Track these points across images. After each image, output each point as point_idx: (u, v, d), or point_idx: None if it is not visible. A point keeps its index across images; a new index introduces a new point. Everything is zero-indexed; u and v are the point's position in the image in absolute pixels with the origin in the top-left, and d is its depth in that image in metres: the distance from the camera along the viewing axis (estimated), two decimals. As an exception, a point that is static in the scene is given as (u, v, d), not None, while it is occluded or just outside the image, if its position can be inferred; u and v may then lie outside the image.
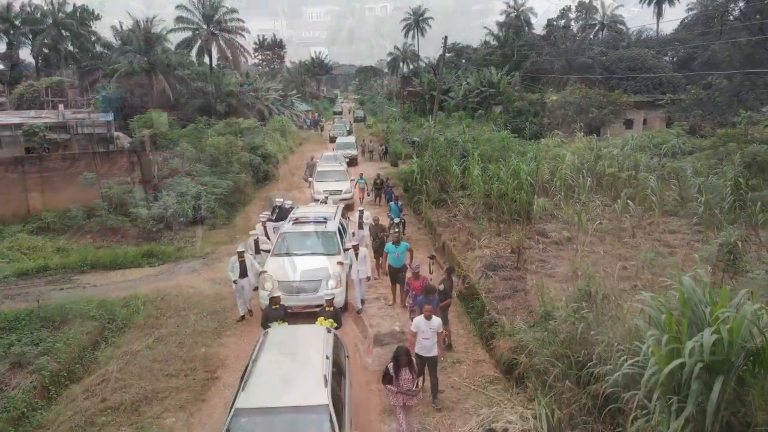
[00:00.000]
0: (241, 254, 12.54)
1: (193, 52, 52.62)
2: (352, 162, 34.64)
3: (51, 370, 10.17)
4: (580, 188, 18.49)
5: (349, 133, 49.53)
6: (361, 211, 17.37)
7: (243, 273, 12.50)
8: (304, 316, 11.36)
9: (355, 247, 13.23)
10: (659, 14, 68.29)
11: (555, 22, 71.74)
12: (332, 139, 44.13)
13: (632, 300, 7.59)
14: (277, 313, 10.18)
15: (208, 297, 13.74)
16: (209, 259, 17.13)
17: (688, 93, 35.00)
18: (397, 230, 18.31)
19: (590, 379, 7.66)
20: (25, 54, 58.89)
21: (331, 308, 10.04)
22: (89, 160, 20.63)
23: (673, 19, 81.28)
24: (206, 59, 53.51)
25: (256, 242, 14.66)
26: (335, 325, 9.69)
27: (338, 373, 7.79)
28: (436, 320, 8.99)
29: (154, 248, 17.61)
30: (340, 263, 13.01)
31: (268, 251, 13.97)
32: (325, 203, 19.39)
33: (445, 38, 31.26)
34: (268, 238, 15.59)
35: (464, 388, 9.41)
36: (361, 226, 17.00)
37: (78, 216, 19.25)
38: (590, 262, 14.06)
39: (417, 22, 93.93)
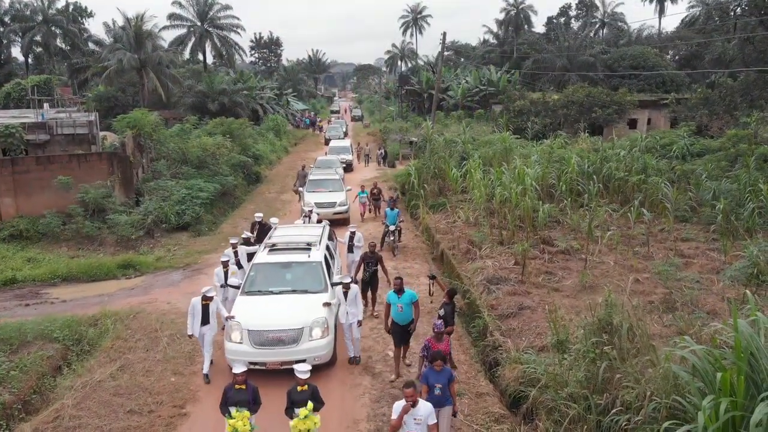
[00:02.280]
0: (206, 298, 9.97)
1: (187, 50, 51.64)
2: (347, 168, 31.76)
3: (3, 403, 9.06)
4: (587, 193, 17.55)
5: (345, 134, 47.94)
6: (353, 232, 14.71)
7: (205, 319, 9.94)
8: (282, 373, 9.36)
9: (346, 285, 10.41)
10: (661, 11, 67.36)
11: (555, 20, 70.86)
12: (328, 141, 41.82)
13: (666, 337, 6.48)
14: (240, 396, 7.45)
15: (184, 315, 12.46)
16: (190, 270, 15.97)
17: (693, 92, 33.99)
18: (392, 238, 17.28)
19: (614, 427, 6.54)
20: (16, 52, 57.94)
21: (305, 387, 7.36)
22: (66, 163, 19.42)
23: (675, 13, 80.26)
24: (200, 57, 52.53)
25: (226, 272, 11.95)
26: (311, 416, 7.21)
27: None
28: (425, 408, 6.57)
29: (131, 258, 16.45)
30: (327, 304, 10.35)
31: (237, 287, 11.19)
32: (309, 218, 16.72)
33: (444, 34, 30.15)
34: (240, 267, 12.74)
35: (465, 428, 8.28)
36: (351, 249, 14.48)
37: (52, 223, 18.04)
38: (600, 274, 13.15)
39: (415, 20, 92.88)
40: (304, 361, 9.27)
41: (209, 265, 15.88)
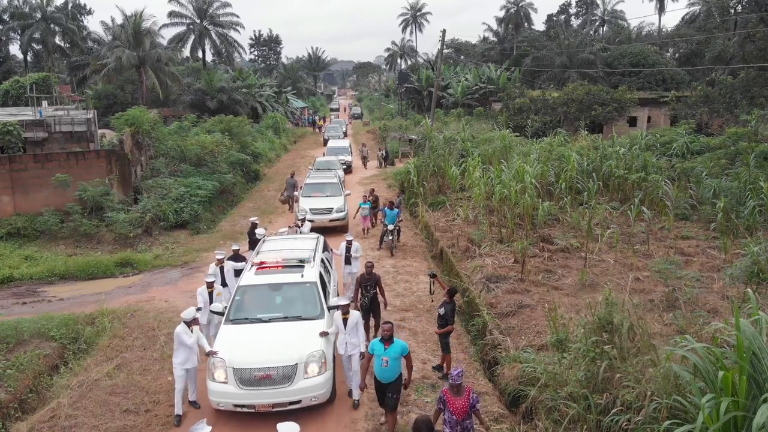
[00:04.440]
0: (190, 323, 8.80)
1: (187, 48, 51.56)
2: (346, 169, 30.60)
3: (-1, 401, 9.01)
4: (586, 191, 17.49)
5: (345, 134, 47.54)
6: (349, 242, 13.02)
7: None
8: (275, 416, 8.03)
9: (344, 308, 8.94)
10: (661, 9, 67.27)
11: (555, 18, 70.83)
12: (326, 142, 40.81)
13: (667, 336, 6.42)
14: None
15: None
16: (188, 269, 15.92)
17: (693, 89, 33.90)
18: (391, 237, 17.20)
19: (614, 427, 6.49)
20: (15, 49, 57.84)
21: None
22: (64, 160, 19.34)
23: (675, 9, 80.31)
24: (199, 54, 52.45)
25: (211, 293, 10.47)
26: None
27: None
28: None
29: (129, 256, 16.39)
30: (324, 334, 8.93)
31: (221, 313, 9.60)
32: (301, 227, 15.09)
33: (444, 31, 30.04)
34: (225, 286, 11.24)
35: (464, 427, 8.21)
36: (348, 260, 12.95)
37: (50, 221, 17.97)
38: (600, 273, 13.10)
39: (415, 17, 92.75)
40: (299, 402, 8.37)
41: (207, 264, 15.78)
